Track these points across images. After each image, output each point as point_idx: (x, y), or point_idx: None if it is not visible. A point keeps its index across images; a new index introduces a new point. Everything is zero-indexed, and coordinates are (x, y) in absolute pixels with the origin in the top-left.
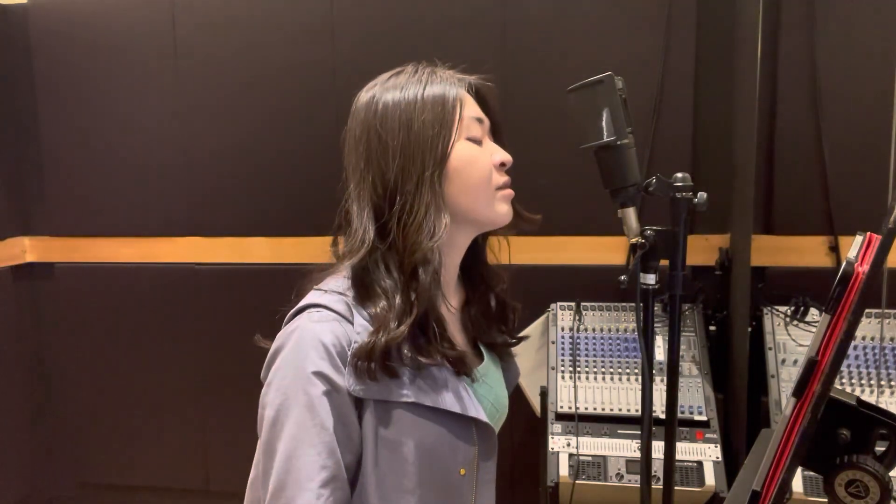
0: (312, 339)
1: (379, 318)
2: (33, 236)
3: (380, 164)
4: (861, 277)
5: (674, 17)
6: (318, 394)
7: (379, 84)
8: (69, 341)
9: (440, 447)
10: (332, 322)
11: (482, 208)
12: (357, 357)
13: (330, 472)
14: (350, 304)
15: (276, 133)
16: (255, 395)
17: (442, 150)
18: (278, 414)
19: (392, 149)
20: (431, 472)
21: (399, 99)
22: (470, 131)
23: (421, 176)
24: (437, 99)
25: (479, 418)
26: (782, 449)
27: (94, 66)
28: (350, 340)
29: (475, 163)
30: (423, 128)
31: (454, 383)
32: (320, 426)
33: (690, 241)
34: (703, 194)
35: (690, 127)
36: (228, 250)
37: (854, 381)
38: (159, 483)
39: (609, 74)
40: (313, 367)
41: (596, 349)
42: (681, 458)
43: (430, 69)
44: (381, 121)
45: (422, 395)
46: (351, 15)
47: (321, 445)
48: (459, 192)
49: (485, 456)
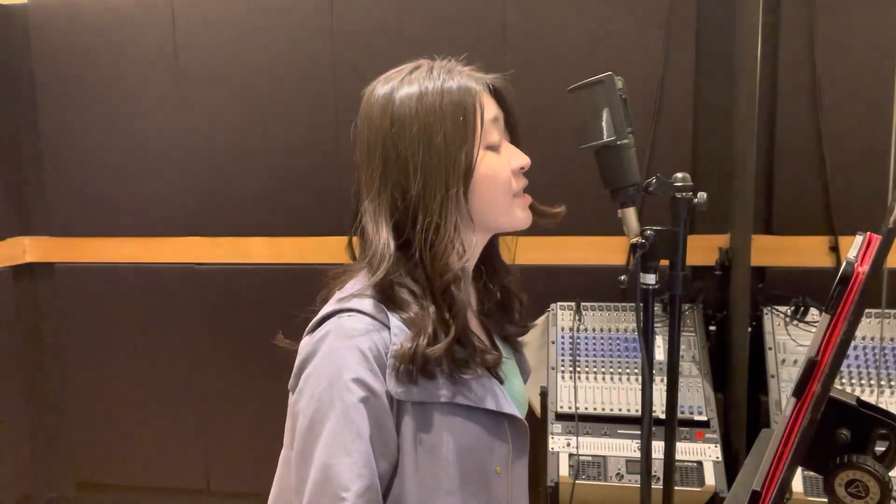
0: (347, 343)
1: (416, 322)
2: (33, 236)
3: (399, 181)
4: (861, 277)
5: (674, 17)
6: (354, 401)
7: (393, 83)
8: (69, 341)
9: (478, 446)
10: (368, 326)
11: (501, 217)
12: (399, 361)
13: (366, 482)
14: (384, 309)
15: (276, 133)
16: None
17: (467, 166)
18: (312, 422)
19: (413, 165)
20: (471, 471)
21: (416, 107)
22: (488, 138)
23: (446, 194)
24: (457, 107)
25: (513, 414)
26: (782, 449)
27: (94, 65)
28: (387, 345)
29: (496, 174)
30: (444, 142)
31: (487, 381)
32: (356, 434)
33: (690, 241)
34: (703, 194)
35: (690, 127)
36: (228, 250)
37: (854, 381)
38: (159, 483)
39: (609, 74)
40: (350, 374)
41: (596, 349)
42: (681, 458)
43: (447, 67)
44: (399, 133)
45: (458, 394)
46: (351, 15)
47: (358, 454)
48: (481, 203)
49: (518, 453)
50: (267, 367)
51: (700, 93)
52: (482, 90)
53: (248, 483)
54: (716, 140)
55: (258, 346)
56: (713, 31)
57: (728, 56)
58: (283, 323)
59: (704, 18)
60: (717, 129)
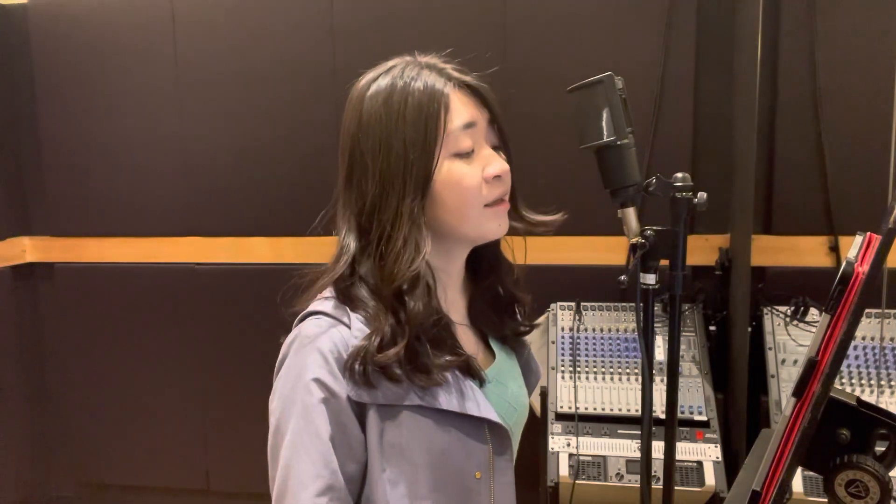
0: (310, 346)
1: (371, 321)
2: (33, 236)
3: (360, 184)
4: (861, 277)
5: (674, 17)
6: (313, 402)
7: (367, 83)
8: (69, 341)
9: (452, 450)
10: (330, 328)
11: (469, 228)
12: (352, 360)
13: (324, 482)
14: (347, 309)
15: (276, 133)
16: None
17: (424, 175)
18: (279, 422)
19: (371, 171)
20: (445, 476)
21: (380, 111)
22: (458, 145)
23: (400, 203)
24: (419, 113)
25: (489, 419)
26: (782, 449)
27: (94, 66)
28: (347, 344)
29: (461, 182)
30: (403, 149)
31: (460, 383)
32: (315, 434)
33: (690, 241)
34: (703, 194)
35: (690, 127)
36: (228, 250)
37: (854, 381)
38: (159, 483)
39: (609, 74)
40: (310, 375)
41: (596, 349)
42: (681, 458)
43: (418, 67)
44: (364, 135)
45: (427, 397)
46: (351, 15)
47: (316, 454)
48: (445, 212)
49: (500, 457)
50: (267, 368)
51: (700, 93)
52: (456, 92)
53: (248, 483)
54: (716, 140)
55: (258, 346)
56: (713, 31)
57: (728, 56)
58: (282, 323)
59: (704, 18)
60: (717, 129)
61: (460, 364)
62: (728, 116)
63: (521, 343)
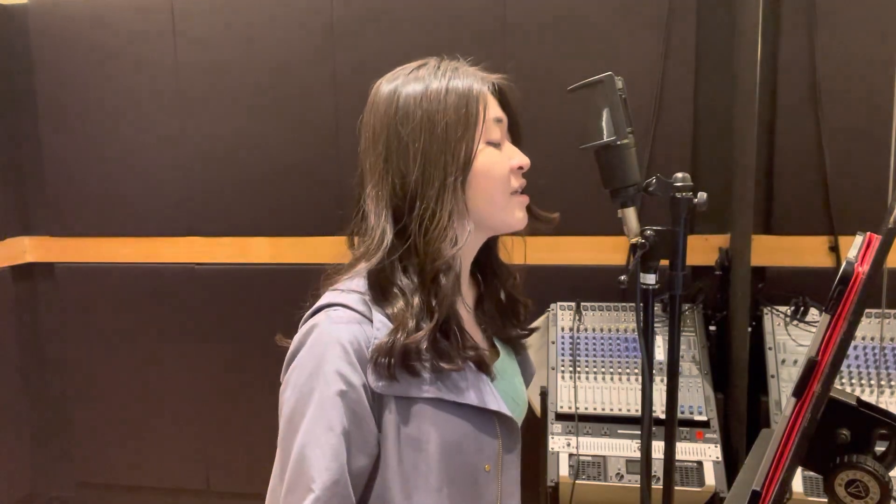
0: (330, 337)
1: (398, 317)
2: (33, 236)
3: (399, 166)
4: (861, 277)
5: (674, 17)
6: (330, 393)
7: (400, 78)
8: (69, 341)
9: (464, 443)
10: (351, 320)
11: (499, 214)
12: (378, 354)
13: (333, 475)
14: (369, 303)
15: (276, 133)
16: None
17: (466, 156)
18: (293, 412)
19: (413, 151)
20: (458, 468)
21: (421, 98)
22: (490, 134)
23: (444, 182)
24: (460, 100)
25: (501, 412)
26: (782, 449)
27: (94, 66)
28: (369, 339)
29: (494, 168)
30: (445, 131)
31: (475, 378)
32: (328, 427)
33: (690, 241)
34: (703, 194)
35: (690, 127)
36: (228, 250)
37: (854, 381)
38: (159, 483)
39: (609, 74)
40: (330, 366)
41: (596, 349)
42: (681, 458)
43: (454, 65)
44: (402, 120)
45: (443, 390)
46: (351, 15)
47: (327, 447)
48: (478, 197)
49: (508, 451)
50: (267, 367)
51: (700, 93)
52: (487, 91)
53: (248, 483)
54: (716, 140)
55: (258, 346)
56: (713, 31)
57: (728, 56)
58: (283, 323)
59: (704, 18)
60: (717, 129)
61: (476, 357)
62: (728, 116)
63: (522, 346)
